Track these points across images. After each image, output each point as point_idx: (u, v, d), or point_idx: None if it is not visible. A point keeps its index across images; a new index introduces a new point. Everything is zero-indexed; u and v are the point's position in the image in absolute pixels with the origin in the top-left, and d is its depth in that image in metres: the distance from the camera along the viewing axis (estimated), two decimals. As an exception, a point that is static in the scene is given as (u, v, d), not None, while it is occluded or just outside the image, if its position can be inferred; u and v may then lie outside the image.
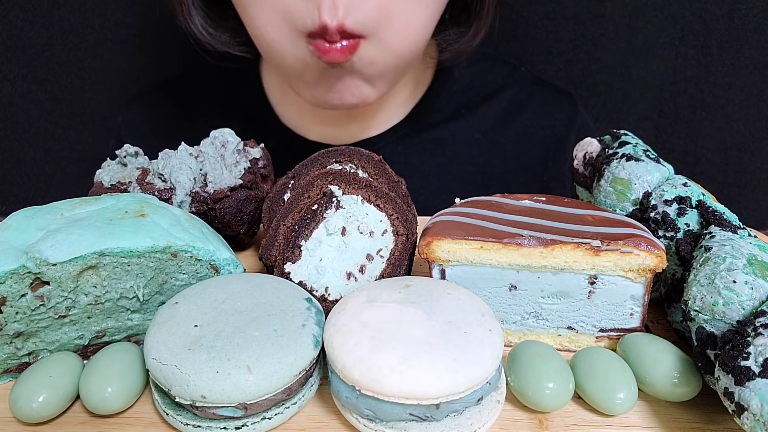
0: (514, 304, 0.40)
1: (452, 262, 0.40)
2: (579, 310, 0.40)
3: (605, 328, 0.40)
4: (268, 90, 0.74)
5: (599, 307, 0.39)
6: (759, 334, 0.31)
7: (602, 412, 0.36)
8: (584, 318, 0.40)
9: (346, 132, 0.72)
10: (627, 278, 0.38)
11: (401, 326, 0.34)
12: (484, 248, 0.38)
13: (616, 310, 0.39)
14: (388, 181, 0.48)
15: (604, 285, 0.39)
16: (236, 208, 0.49)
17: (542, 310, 0.40)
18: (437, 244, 0.39)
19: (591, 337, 0.41)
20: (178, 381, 0.33)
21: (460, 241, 0.39)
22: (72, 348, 0.40)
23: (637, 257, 0.37)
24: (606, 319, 0.40)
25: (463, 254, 0.39)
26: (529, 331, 0.41)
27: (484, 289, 0.40)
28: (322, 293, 0.42)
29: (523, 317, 0.41)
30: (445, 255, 0.39)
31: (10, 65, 0.88)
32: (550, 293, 0.40)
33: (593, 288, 0.39)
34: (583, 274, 0.38)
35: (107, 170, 0.49)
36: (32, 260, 0.35)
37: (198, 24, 0.65)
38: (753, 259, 0.36)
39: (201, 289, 0.38)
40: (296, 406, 0.36)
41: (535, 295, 0.40)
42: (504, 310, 0.41)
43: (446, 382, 0.31)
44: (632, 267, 0.37)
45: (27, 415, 0.34)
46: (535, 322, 0.41)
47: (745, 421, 0.30)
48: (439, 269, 0.40)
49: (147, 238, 0.37)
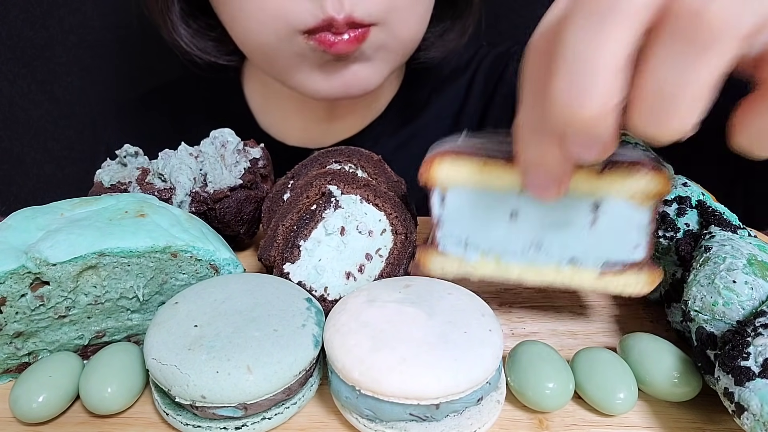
0: (515, 233, 0.38)
1: (452, 186, 0.37)
2: (581, 240, 0.37)
3: (609, 262, 0.37)
4: (249, 97, 0.75)
5: (602, 237, 0.37)
6: (759, 334, 0.31)
7: (602, 412, 0.36)
8: (587, 249, 0.38)
9: (325, 135, 0.72)
10: (631, 203, 0.35)
11: (401, 326, 0.34)
12: (488, 165, 0.36)
13: (620, 240, 0.37)
14: (387, 180, 0.48)
15: (608, 212, 0.36)
16: (236, 208, 0.49)
17: (544, 240, 0.38)
18: (438, 165, 0.37)
19: (594, 273, 0.38)
20: (178, 381, 0.33)
21: (463, 157, 0.36)
22: (72, 348, 0.40)
23: (642, 179, 0.34)
24: (610, 251, 0.37)
25: (465, 174, 0.37)
26: (530, 265, 0.39)
27: (483, 217, 0.38)
28: (321, 293, 0.42)
29: (523, 249, 0.38)
30: (446, 177, 0.37)
31: (10, 65, 0.88)
32: (551, 221, 0.37)
33: (596, 215, 0.36)
34: (585, 199, 0.36)
35: (107, 170, 0.49)
36: (32, 260, 0.35)
37: (183, 36, 0.64)
38: (753, 259, 0.36)
39: (201, 289, 0.38)
40: (296, 406, 0.36)
41: (536, 224, 0.37)
42: (504, 241, 0.38)
43: (446, 382, 0.31)
44: (637, 190, 0.35)
45: (27, 415, 0.34)
46: (536, 254, 0.38)
47: (745, 421, 0.30)
48: (439, 195, 0.38)
49: (147, 238, 0.37)
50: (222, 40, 0.66)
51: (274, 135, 0.73)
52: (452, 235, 0.39)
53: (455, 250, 0.39)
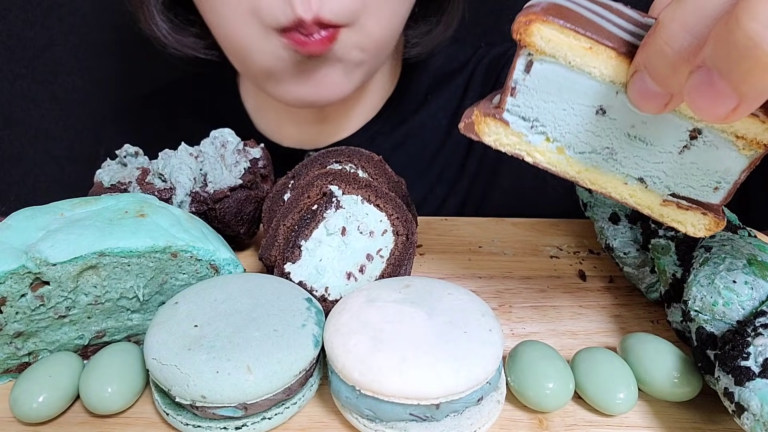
0: (593, 131, 0.33)
1: (547, 56, 0.32)
2: (661, 164, 0.33)
3: (679, 194, 0.34)
4: (244, 98, 0.75)
5: (685, 168, 0.33)
6: (759, 334, 0.31)
7: (602, 412, 0.36)
8: (663, 173, 0.34)
9: (320, 136, 0.72)
10: (734, 145, 0.31)
11: (401, 326, 0.34)
12: (594, 51, 0.30)
13: (702, 177, 0.33)
14: (388, 181, 0.48)
15: (704, 144, 0.32)
16: (236, 208, 0.49)
17: (620, 150, 0.33)
18: (539, 27, 0.31)
19: (658, 199, 0.34)
20: (178, 381, 0.33)
21: (569, 32, 0.30)
22: (72, 348, 0.40)
23: (760, 124, 0.30)
24: (685, 184, 0.33)
25: (565, 51, 0.31)
26: (593, 168, 0.34)
27: (567, 102, 0.33)
28: (322, 293, 0.42)
29: (594, 150, 0.34)
30: (543, 44, 0.31)
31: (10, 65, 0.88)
32: (639, 134, 0.33)
33: (691, 143, 0.32)
34: (688, 122, 0.32)
35: (107, 170, 0.49)
36: (32, 260, 0.35)
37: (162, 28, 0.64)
38: (753, 259, 0.36)
39: (201, 289, 0.38)
40: (296, 406, 0.36)
41: (622, 129, 0.33)
42: (578, 134, 0.34)
43: (446, 382, 0.31)
44: (748, 134, 0.31)
45: (27, 415, 0.34)
46: (605, 160, 0.34)
47: (745, 421, 0.30)
48: (526, 59, 0.32)
49: (147, 238, 0.37)
50: (201, 35, 0.65)
51: (270, 136, 0.73)
52: (523, 108, 0.34)
53: (519, 124, 0.34)
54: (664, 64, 0.26)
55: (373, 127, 0.72)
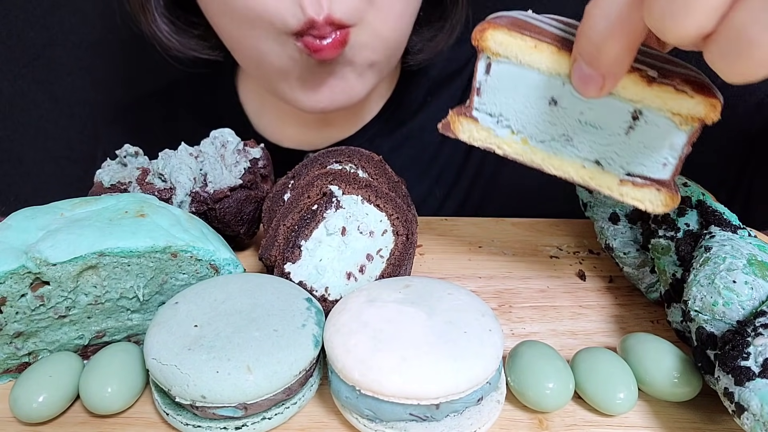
0: (550, 121, 0.37)
1: (501, 57, 0.36)
2: (612, 146, 0.37)
3: (633, 173, 0.37)
4: (244, 99, 0.75)
5: (633, 147, 0.36)
6: (759, 334, 0.31)
7: (602, 412, 0.36)
8: (615, 155, 0.37)
9: (320, 137, 0.72)
10: (672, 122, 0.34)
11: (401, 326, 0.34)
12: (538, 48, 0.35)
13: (650, 154, 0.36)
14: (388, 181, 0.48)
15: (646, 123, 0.35)
16: (236, 208, 0.49)
17: (575, 135, 0.37)
18: (492, 32, 0.36)
19: (615, 179, 0.37)
20: (178, 381, 0.33)
21: (515, 34, 0.35)
22: (72, 348, 0.40)
23: (690, 99, 0.33)
24: (637, 163, 0.36)
25: (515, 51, 0.36)
26: (555, 155, 0.38)
27: (523, 96, 0.37)
28: (322, 293, 0.42)
29: (553, 138, 0.38)
30: (496, 47, 0.36)
31: (10, 65, 0.88)
32: (588, 119, 0.36)
33: (634, 124, 0.35)
34: (628, 104, 0.35)
35: (107, 170, 0.49)
36: (32, 260, 0.35)
37: (164, 31, 0.64)
38: (753, 259, 0.36)
39: (201, 289, 0.38)
40: (296, 406, 0.36)
41: (573, 117, 0.37)
42: (537, 125, 0.38)
43: (446, 382, 0.31)
44: (681, 110, 0.34)
45: (27, 415, 0.34)
46: (565, 146, 0.38)
47: (745, 421, 0.30)
48: (485, 61, 0.37)
49: (147, 238, 0.37)
50: (204, 36, 0.65)
51: (269, 137, 0.73)
52: (488, 105, 0.38)
53: (487, 120, 0.39)
54: (590, 46, 0.30)
55: (372, 128, 0.72)
